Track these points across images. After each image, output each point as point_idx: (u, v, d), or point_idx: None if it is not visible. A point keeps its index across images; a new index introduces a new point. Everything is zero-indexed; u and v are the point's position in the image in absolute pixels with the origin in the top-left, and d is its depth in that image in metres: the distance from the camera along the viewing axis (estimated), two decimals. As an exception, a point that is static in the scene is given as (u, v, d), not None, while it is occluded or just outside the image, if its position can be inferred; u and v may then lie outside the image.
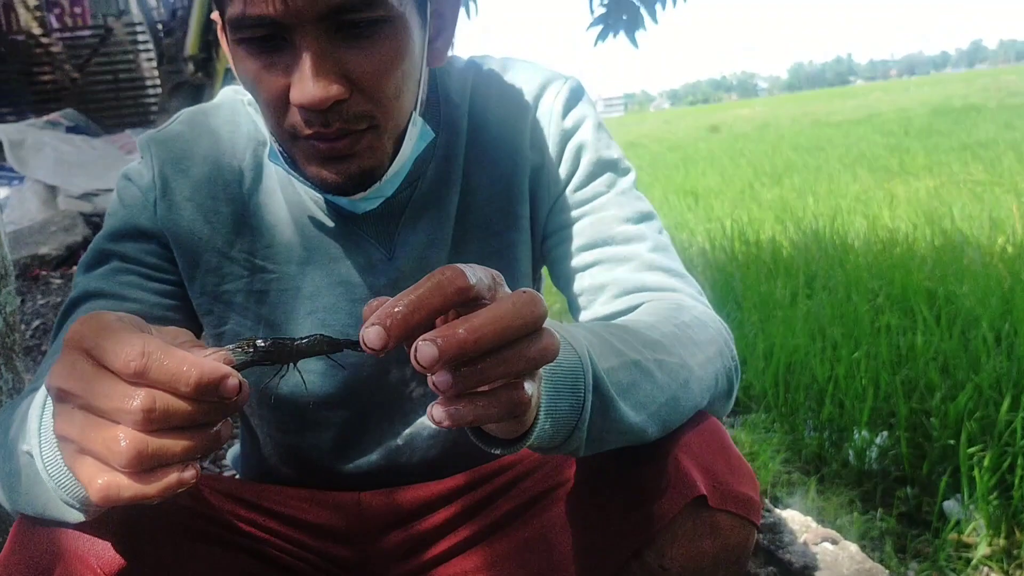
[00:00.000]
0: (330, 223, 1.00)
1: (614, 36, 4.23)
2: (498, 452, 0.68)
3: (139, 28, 8.68)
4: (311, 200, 1.00)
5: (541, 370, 0.64)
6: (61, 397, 0.55)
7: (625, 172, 1.05)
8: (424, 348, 0.52)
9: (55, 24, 9.07)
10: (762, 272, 4.30)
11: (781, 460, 2.49)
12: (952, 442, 2.34)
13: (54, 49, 8.17)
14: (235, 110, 1.04)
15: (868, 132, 14.87)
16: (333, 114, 0.82)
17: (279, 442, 1.10)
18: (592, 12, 4.19)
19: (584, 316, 1.02)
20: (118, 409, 0.52)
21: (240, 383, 0.53)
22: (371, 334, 0.52)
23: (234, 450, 1.28)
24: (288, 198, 1.01)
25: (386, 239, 1.01)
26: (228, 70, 6.27)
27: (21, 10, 7.82)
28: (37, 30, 7.97)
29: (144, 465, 0.52)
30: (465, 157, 1.02)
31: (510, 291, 0.59)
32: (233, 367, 0.55)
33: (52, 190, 5.30)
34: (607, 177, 1.03)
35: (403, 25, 0.84)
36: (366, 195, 0.92)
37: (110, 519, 0.74)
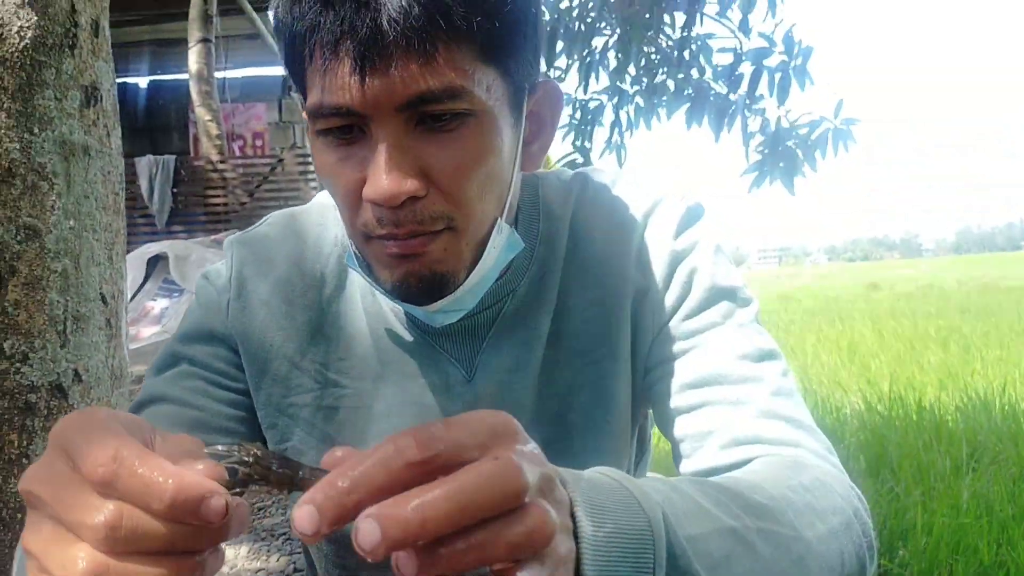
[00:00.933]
0: (408, 338, 0.91)
1: (770, 183, 4.14)
2: None
3: (309, 159, 9.24)
4: (391, 311, 0.92)
5: (583, 541, 0.50)
6: (32, 502, 0.46)
7: (745, 303, 0.91)
8: (365, 528, 0.40)
9: (237, 153, 9.74)
10: (921, 439, 3.95)
11: (939, 656, 2.19)
12: None
13: (228, 175, 8.76)
14: (324, 214, 0.98)
15: (1044, 299, 14.00)
16: (406, 212, 0.74)
17: None
18: (748, 158, 4.14)
19: (686, 466, 0.87)
20: (81, 523, 0.42)
21: (227, 505, 0.43)
22: (302, 516, 0.41)
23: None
24: (368, 308, 0.93)
25: (467, 359, 0.91)
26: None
27: (204, 138, 8.47)
28: (216, 156, 8.58)
29: None
30: (563, 275, 0.92)
31: (525, 448, 0.46)
32: (225, 483, 0.45)
33: (208, 305, 5.53)
34: (723, 306, 0.90)
35: (491, 121, 0.75)
36: (441, 306, 0.82)
37: None
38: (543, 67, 0.85)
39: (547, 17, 4.00)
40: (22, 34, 1.31)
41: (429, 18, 0.68)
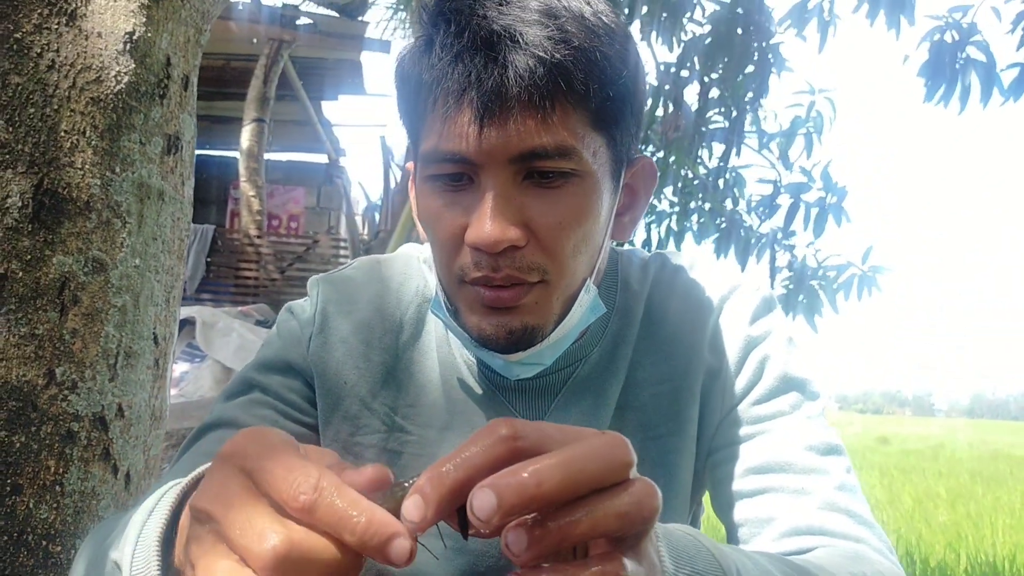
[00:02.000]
0: (479, 390, 0.93)
1: (792, 318, 4.19)
2: None
3: (343, 244, 9.38)
4: (464, 363, 0.94)
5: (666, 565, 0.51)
6: (198, 516, 0.46)
7: (814, 396, 0.92)
8: (481, 497, 0.41)
9: (268, 230, 9.89)
10: (930, 598, 3.86)
11: None
12: None
13: (264, 250, 8.89)
14: (408, 264, 1.02)
15: (1057, 472, 13.74)
16: (504, 259, 0.77)
17: None
18: (772, 290, 4.18)
19: None
20: (249, 549, 0.42)
21: (412, 548, 0.42)
22: (408, 506, 0.43)
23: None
24: (442, 358, 0.95)
25: (535, 418, 0.92)
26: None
27: (245, 212, 8.62)
28: (253, 231, 8.73)
29: None
30: (635, 348, 0.94)
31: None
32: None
33: (228, 372, 5.55)
34: (793, 396, 0.91)
35: (593, 184, 0.80)
36: (524, 357, 0.84)
37: None
38: None
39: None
40: (118, 79, 1.37)
41: (551, 79, 0.73)
